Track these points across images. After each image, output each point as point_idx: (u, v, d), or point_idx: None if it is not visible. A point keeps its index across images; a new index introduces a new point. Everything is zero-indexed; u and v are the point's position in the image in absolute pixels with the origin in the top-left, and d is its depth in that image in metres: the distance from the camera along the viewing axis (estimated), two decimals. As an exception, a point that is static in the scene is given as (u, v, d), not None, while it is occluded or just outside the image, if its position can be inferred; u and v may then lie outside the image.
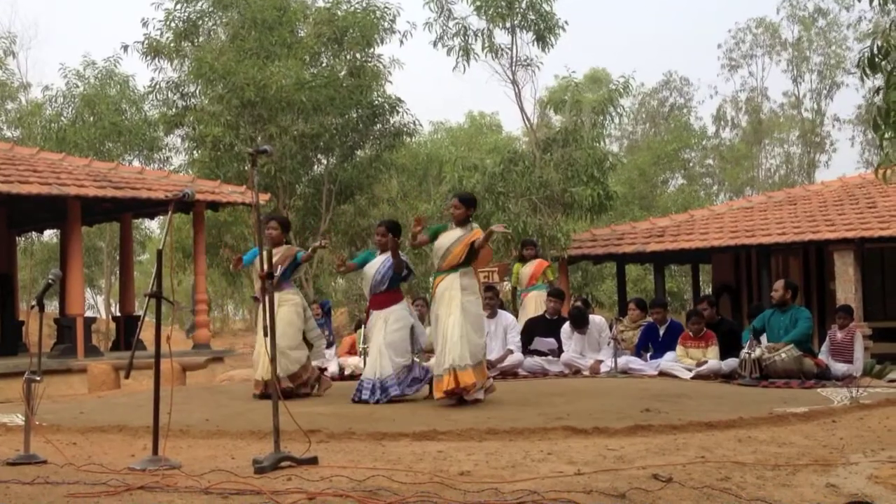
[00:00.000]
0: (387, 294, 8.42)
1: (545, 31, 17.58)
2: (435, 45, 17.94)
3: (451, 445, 5.69)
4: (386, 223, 8.70)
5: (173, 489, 4.42)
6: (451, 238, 8.00)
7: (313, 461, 5.04)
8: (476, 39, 17.82)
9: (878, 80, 6.67)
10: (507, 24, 17.65)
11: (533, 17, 17.50)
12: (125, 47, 20.90)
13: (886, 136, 6.45)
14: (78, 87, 24.93)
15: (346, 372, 11.10)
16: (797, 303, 10.96)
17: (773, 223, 16.97)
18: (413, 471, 4.81)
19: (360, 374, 10.67)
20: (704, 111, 60.99)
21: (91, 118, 24.14)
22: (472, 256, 8.01)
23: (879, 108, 6.38)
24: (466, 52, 17.79)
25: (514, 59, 18.04)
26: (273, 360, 5.35)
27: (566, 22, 17.73)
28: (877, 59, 6.39)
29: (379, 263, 8.43)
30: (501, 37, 17.95)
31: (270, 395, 8.54)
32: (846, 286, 15.14)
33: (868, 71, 6.45)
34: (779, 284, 10.64)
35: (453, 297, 7.86)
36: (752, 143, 39.98)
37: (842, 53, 37.19)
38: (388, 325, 8.34)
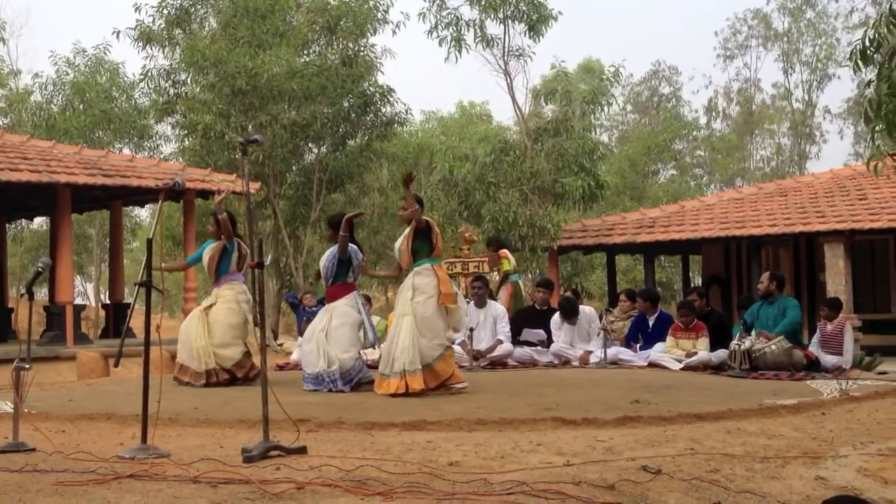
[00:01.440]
0: (336, 287, 8.53)
1: (537, 21, 17.56)
2: (430, 34, 17.93)
3: (440, 436, 5.69)
4: (327, 220, 9.07)
5: (162, 478, 4.41)
6: (399, 239, 8.15)
7: (302, 451, 5.04)
8: (468, 30, 17.80)
9: (870, 73, 6.67)
10: (500, 15, 17.63)
11: (525, 8, 17.47)
12: (117, 33, 20.79)
13: (877, 128, 6.44)
14: (68, 74, 24.79)
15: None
16: (785, 294, 10.99)
17: (764, 215, 17.00)
18: (402, 461, 4.80)
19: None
20: (698, 101, 61.09)
21: (81, 106, 24.03)
22: (424, 245, 7.99)
23: (871, 101, 6.37)
24: (458, 42, 17.75)
25: (506, 50, 18.03)
26: (262, 349, 5.34)
27: (559, 12, 17.72)
28: (869, 52, 6.38)
29: (325, 256, 8.61)
30: (493, 27, 17.95)
31: (197, 384, 8.74)
32: (836, 278, 15.19)
33: (860, 63, 6.44)
34: (764, 276, 10.68)
35: (406, 298, 7.96)
36: (742, 134, 40.07)
37: (832, 44, 37.30)
38: (332, 321, 8.45)
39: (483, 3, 17.36)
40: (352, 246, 8.53)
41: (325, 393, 8.04)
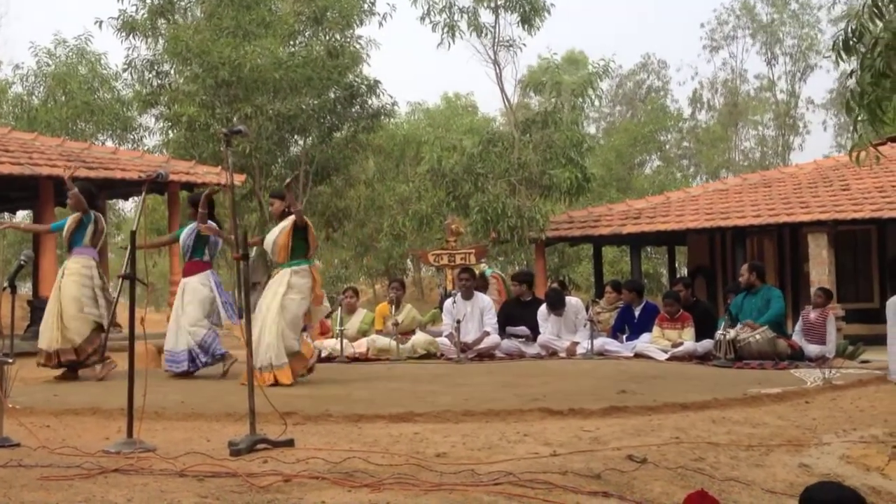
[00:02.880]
0: (191, 263, 8.96)
1: (531, 12, 17.53)
2: (422, 19, 17.85)
3: (427, 427, 5.70)
4: (188, 198, 9.68)
5: (148, 472, 4.40)
6: (275, 232, 8.26)
7: (289, 443, 5.03)
8: (462, 17, 17.75)
9: (853, 64, 6.69)
10: (492, 4, 17.58)
11: None
12: (99, 23, 20.65)
13: (860, 117, 6.47)
14: (49, 65, 24.60)
15: (323, 354, 11.11)
16: (770, 283, 11.05)
17: (748, 205, 17.06)
18: (389, 452, 4.81)
19: (337, 357, 10.76)
20: (684, 93, 61.19)
21: (63, 97, 23.85)
22: (302, 243, 8.18)
23: (853, 91, 6.40)
24: (452, 29, 17.70)
25: (497, 40, 17.99)
26: (248, 344, 5.32)
27: (552, 4, 17.70)
28: (851, 42, 6.41)
29: (185, 233, 9.03)
30: (486, 16, 17.90)
31: (49, 365, 8.86)
32: (820, 268, 15.25)
33: (843, 54, 6.47)
34: (744, 269, 10.75)
35: (277, 293, 8.08)
36: (727, 126, 40.20)
37: (815, 35, 37.48)
38: (184, 297, 8.87)
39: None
40: (211, 223, 8.86)
41: (317, 385, 8.00)
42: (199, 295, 8.83)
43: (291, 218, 8.14)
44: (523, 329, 11.34)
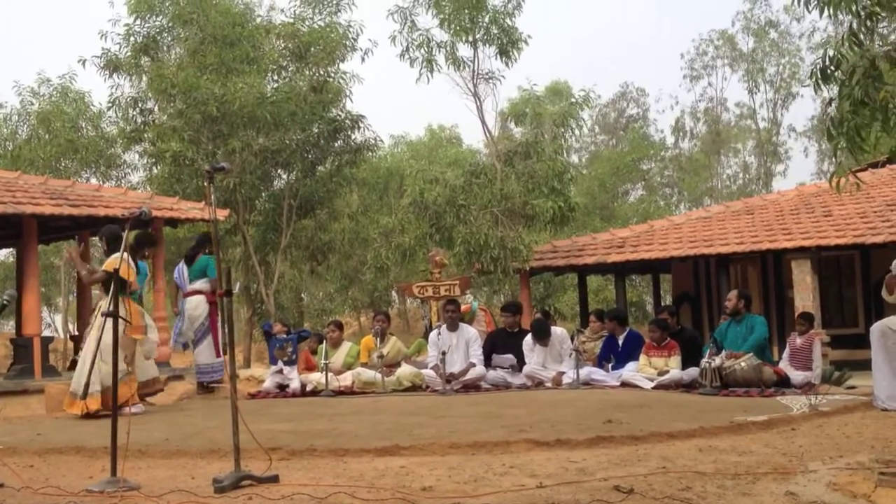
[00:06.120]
0: None
1: (508, 45, 17.66)
2: (401, 56, 17.93)
3: (413, 460, 5.67)
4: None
5: (132, 511, 4.37)
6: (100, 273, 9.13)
7: (274, 479, 5.00)
8: (439, 51, 17.85)
9: (832, 91, 6.76)
10: (470, 38, 17.69)
11: (496, 32, 17.57)
12: (83, 62, 20.70)
13: (840, 145, 6.52)
14: (33, 104, 24.60)
15: (308, 388, 11.07)
16: (754, 310, 11.08)
17: (732, 233, 17.15)
18: (375, 487, 4.78)
19: (322, 390, 10.72)
20: (666, 121, 61.82)
21: (46, 136, 23.82)
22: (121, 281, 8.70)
23: (833, 119, 6.46)
24: (430, 63, 17.79)
25: (476, 73, 18.09)
26: (232, 378, 5.30)
27: (529, 36, 17.83)
28: (829, 70, 6.48)
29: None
30: (464, 50, 18.00)
31: None
32: (804, 294, 15.31)
33: (821, 82, 6.54)
34: (732, 294, 10.82)
35: (98, 324, 8.54)
36: (710, 154, 40.52)
37: (796, 63, 37.90)
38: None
39: (454, 26, 17.42)
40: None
41: (302, 420, 7.98)
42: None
43: (112, 260, 8.76)
44: (509, 357, 11.30)
